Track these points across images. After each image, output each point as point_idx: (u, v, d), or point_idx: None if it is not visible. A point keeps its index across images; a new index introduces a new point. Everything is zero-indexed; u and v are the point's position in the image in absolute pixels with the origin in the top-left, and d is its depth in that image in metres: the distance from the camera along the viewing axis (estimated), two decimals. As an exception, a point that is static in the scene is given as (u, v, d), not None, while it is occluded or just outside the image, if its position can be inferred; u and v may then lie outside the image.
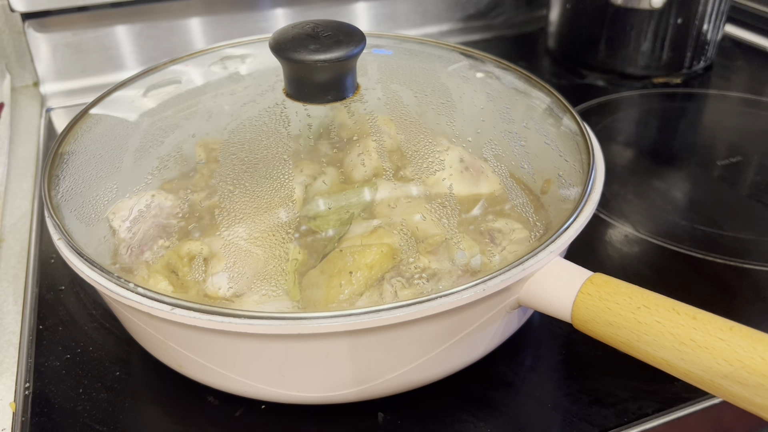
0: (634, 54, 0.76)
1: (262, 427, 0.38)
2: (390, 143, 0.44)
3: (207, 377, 0.37)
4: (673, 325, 0.30)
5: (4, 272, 0.50)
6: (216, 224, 0.39)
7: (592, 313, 0.32)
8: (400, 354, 0.35)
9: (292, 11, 0.80)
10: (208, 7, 0.77)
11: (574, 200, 0.39)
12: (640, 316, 0.31)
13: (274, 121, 0.41)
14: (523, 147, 0.44)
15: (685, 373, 0.30)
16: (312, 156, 0.43)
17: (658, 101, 0.73)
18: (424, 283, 0.37)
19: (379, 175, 0.43)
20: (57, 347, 0.43)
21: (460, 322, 0.34)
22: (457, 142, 0.42)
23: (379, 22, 0.85)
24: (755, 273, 0.48)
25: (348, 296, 0.37)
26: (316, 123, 0.45)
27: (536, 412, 0.38)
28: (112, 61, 0.75)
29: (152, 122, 0.47)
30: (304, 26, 0.41)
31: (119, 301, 0.34)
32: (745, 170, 0.61)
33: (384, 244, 0.38)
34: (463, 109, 0.46)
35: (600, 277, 0.33)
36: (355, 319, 0.31)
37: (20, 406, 0.39)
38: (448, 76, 0.50)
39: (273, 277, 0.38)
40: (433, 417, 0.38)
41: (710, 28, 0.76)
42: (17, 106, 0.73)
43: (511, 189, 0.42)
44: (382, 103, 0.44)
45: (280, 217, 0.39)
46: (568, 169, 0.42)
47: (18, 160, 0.64)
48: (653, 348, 0.31)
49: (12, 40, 0.74)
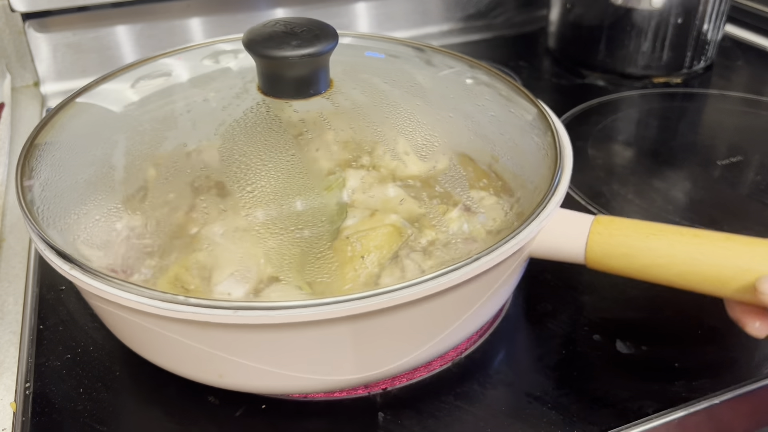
0: (634, 54, 0.76)
1: (263, 426, 0.38)
2: (346, 136, 0.45)
3: (254, 381, 0.36)
4: (681, 244, 0.35)
5: (4, 272, 0.50)
6: (200, 233, 0.39)
7: (606, 250, 0.36)
8: (440, 321, 0.36)
9: (292, 11, 0.80)
10: (208, 7, 0.77)
11: (547, 157, 0.42)
12: (651, 243, 0.35)
13: (260, 119, 0.42)
14: (475, 124, 0.46)
15: (700, 282, 0.35)
16: (286, 151, 0.43)
17: (658, 101, 0.73)
18: (441, 253, 0.38)
19: (342, 166, 0.44)
20: (57, 347, 0.43)
21: (490, 281, 0.36)
22: (411, 128, 0.44)
23: (380, 22, 0.85)
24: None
25: (365, 279, 0.38)
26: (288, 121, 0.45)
27: (536, 412, 0.38)
28: (113, 61, 0.75)
29: (129, 127, 0.46)
30: (275, 24, 0.42)
31: (161, 318, 0.32)
32: (745, 170, 0.61)
33: (387, 225, 0.39)
34: (423, 98, 0.47)
35: (604, 218, 0.37)
36: (418, 288, 0.32)
37: (21, 406, 0.39)
38: (412, 71, 0.51)
39: (278, 274, 0.38)
40: (433, 417, 0.38)
41: (710, 28, 0.76)
42: (18, 106, 0.73)
43: (460, 166, 0.44)
44: (356, 95, 0.44)
45: (270, 216, 0.39)
46: (520, 135, 0.45)
47: (18, 160, 0.64)
48: (667, 268, 0.35)
49: (12, 40, 0.74)
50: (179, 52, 0.51)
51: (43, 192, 0.40)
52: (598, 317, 0.44)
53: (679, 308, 0.45)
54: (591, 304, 0.45)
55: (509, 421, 0.37)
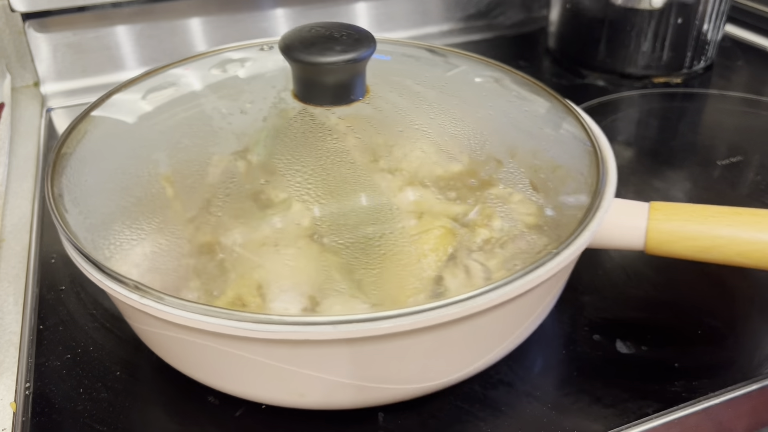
0: (634, 54, 0.76)
1: (263, 427, 0.38)
2: (393, 139, 0.45)
3: (337, 397, 0.35)
4: (740, 224, 0.36)
5: (4, 272, 0.50)
6: (253, 249, 0.38)
7: (666, 235, 0.38)
8: (521, 317, 0.37)
9: (293, 11, 0.80)
10: (208, 7, 0.77)
11: (587, 148, 0.42)
12: (711, 226, 0.37)
13: (306, 128, 0.41)
14: (512, 120, 0.46)
15: (760, 259, 0.36)
16: (338, 159, 0.42)
17: (658, 101, 0.73)
18: (500, 252, 0.38)
19: (393, 171, 0.43)
20: (57, 347, 0.43)
21: (561, 275, 0.37)
22: (455, 127, 0.44)
23: (380, 21, 0.85)
24: (756, 272, 0.48)
25: (426, 282, 0.37)
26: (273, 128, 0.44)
27: (536, 412, 0.38)
28: (113, 61, 0.75)
29: (155, 137, 0.45)
30: (311, 29, 0.40)
31: (248, 340, 0.31)
32: (745, 170, 0.61)
33: (438, 226, 0.39)
34: (459, 97, 0.47)
35: (660, 204, 0.39)
36: (510, 287, 0.32)
37: (20, 406, 0.39)
38: (438, 72, 0.51)
39: (333, 286, 0.37)
40: (433, 417, 0.38)
41: (710, 28, 0.76)
42: (18, 106, 0.73)
43: (508, 161, 0.44)
44: (394, 99, 0.44)
45: (322, 226, 0.39)
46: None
47: (18, 160, 0.64)
48: (729, 248, 0.37)
49: (12, 40, 0.74)
50: (189, 61, 0.50)
51: (77, 210, 0.39)
52: (598, 317, 0.44)
53: (679, 308, 0.45)
54: (591, 304, 0.45)
55: (509, 421, 0.37)
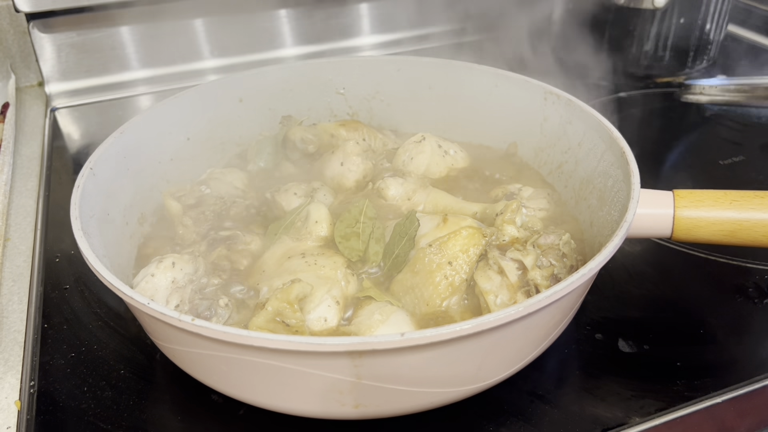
0: (636, 54, 0.76)
1: (265, 424, 0.38)
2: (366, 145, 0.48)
3: (393, 404, 0.35)
4: (764, 206, 0.38)
5: (9, 271, 0.50)
6: (281, 265, 0.40)
7: (694, 221, 0.39)
8: (564, 313, 0.37)
9: (294, 11, 0.80)
10: (211, 8, 0.77)
11: (608, 145, 0.45)
12: (735, 210, 0.38)
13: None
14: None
15: None
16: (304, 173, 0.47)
17: (660, 100, 0.73)
18: (531, 248, 0.39)
19: (368, 176, 0.48)
20: (62, 346, 0.43)
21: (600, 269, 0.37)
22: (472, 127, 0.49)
23: (381, 21, 0.85)
24: (757, 272, 0.48)
25: (459, 283, 0.38)
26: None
27: (538, 411, 0.38)
28: (117, 61, 0.76)
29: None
30: None
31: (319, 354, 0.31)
32: (746, 170, 0.61)
33: (466, 227, 0.39)
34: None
35: (683, 192, 0.40)
36: (571, 283, 0.32)
37: (25, 404, 0.39)
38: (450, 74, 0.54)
39: (365, 293, 0.38)
40: (433, 415, 0.38)
41: (713, 28, 0.76)
42: (22, 105, 0.73)
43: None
44: None
45: (344, 237, 0.42)
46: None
47: (23, 159, 0.64)
48: (754, 230, 0.38)
49: (17, 41, 0.75)
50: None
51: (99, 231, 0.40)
52: (601, 317, 0.44)
53: (680, 308, 0.45)
54: (593, 304, 0.45)
55: (511, 419, 0.38)
